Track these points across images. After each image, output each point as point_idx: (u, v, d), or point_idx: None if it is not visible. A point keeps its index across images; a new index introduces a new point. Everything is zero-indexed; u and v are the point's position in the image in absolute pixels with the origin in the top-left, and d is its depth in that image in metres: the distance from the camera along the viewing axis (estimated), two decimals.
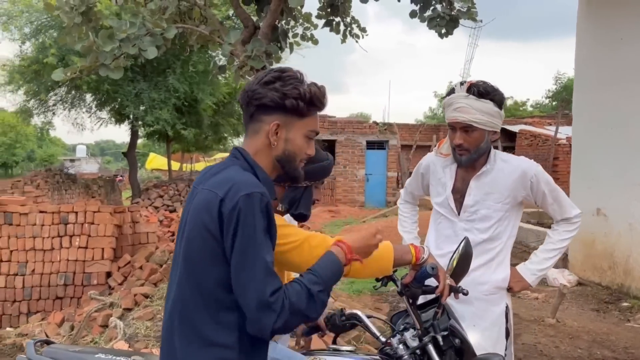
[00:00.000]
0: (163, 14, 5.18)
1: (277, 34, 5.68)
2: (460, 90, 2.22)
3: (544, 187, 2.29)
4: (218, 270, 1.40)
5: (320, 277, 1.45)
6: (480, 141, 2.22)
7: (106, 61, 4.83)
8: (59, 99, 15.28)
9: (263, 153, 1.54)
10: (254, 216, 1.36)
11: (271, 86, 1.51)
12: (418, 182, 2.59)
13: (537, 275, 2.36)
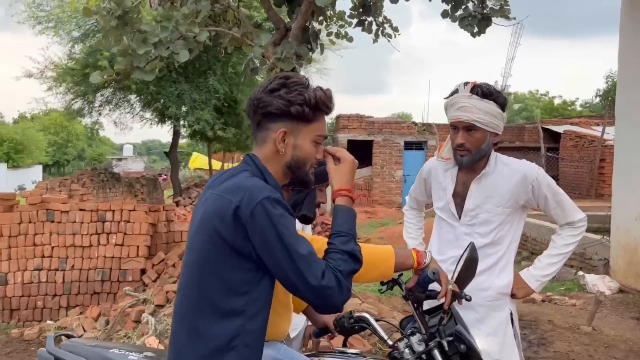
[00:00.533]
0: (196, 17, 5.30)
1: (308, 35, 5.73)
2: (464, 90, 2.22)
3: (546, 191, 2.25)
4: (230, 275, 1.44)
5: (347, 233, 1.54)
6: (482, 142, 2.21)
7: (140, 64, 4.97)
8: (105, 100, 15.80)
9: (272, 160, 1.56)
10: (278, 217, 1.40)
11: (276, 94, 1.52)
12: (421, 187, 2.58)
13: (541, 282, 2.32)
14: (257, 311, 1.48)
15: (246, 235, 1.41)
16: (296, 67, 5.36)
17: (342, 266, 1.46)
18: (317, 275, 1.40)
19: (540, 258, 2.36)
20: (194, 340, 1.47)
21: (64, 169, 41.50)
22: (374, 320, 2.08)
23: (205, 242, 1.46)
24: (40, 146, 35.88)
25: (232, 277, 1.45)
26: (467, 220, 2.30)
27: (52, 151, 40.06)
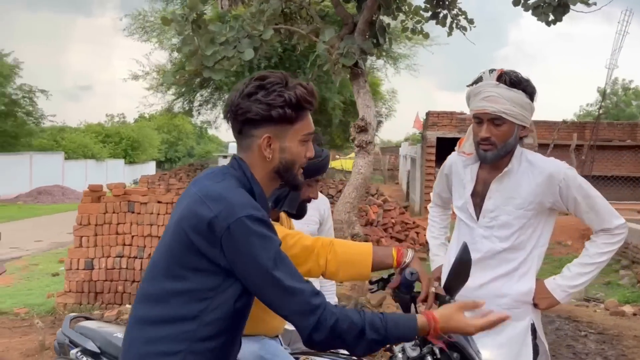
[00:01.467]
0: (262, 16, 5.41)
1: (375, 29, 5.63)
2: (490, 78, 2.01)
3: (576, 193, 2.01)
4: (193, 278, 1.38)
5: (386, 329, 1.37)
6: (509, 136, 2.01)
7: (208, 64, 5.17)
8: (204, 100, 16.65)
9: (259, 167, 1.48)
10: (257, 237, 1.33)
11: (254, 98, 1.43)
12: (443, 183, 2.40)
13: (567, 293, 2.07)
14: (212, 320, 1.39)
15: (219, 247, 1.34)
16: (359, 62, 5.31)
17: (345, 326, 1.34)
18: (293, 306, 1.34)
19: (569, 266, 2.11)
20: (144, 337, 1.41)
21: (175, 165, 44.37)
22: None
23: (176, 241, 1.40)
24: (154, 144, 38.70)
25: (194, 280, 1.37)
26: (485, 222, 2.11)
27: (164, 148, 43.02)
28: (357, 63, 5.24)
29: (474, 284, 2.06)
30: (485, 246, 2.10)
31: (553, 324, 5.32)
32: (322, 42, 5.31)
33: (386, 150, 37.55)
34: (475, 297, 2.07)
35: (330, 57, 5.34)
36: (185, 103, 16.52)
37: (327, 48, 5.30)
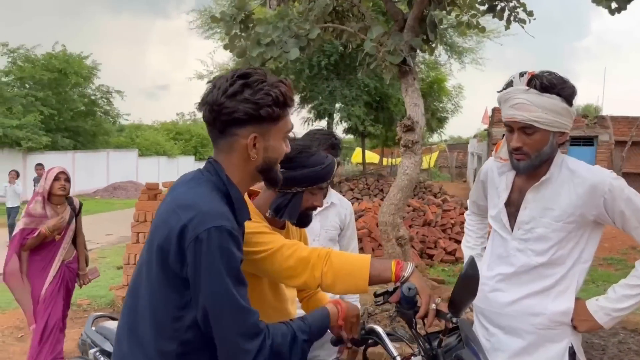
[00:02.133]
0: (310, 15, 5.37)
1: (425, 25, 5.45)
2: (520, 82, 1.84)
3: (624, 206, 1.79)
4: (166, 293, 1.35)
5: (309, 327, 1.49)
6: (543, 144, 1.83)
7: (255, 64, 5.20)
8: None
9: (239, 167, 1.45)
10: (220, 253, 1.29)
11: (240, 97, 1.39)
12: (479, 190, 2.22)
13: (611, 317, 1.85)
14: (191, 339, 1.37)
15: (184, 256, 1.30)
16: (407, 59, 5.16)
17: (280, 340, 1.39)
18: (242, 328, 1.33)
19: (615, 287, 1.88)
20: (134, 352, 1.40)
21: None
22: (384, 333, 1.91)
23: (152, 253, 1.37)
24: None
25: (170, 296, 1.35)
26: (520, 234, 1.93)
27: None
28: (405, 60, 5.09)
29: (505, 299, 1.95)
30: (520, 260, 1.93)
31: (616, 337, 4.96)
32: (369, 39, 5.20)
33: (455, 147, 36.62)
34: (507, 314, 1.95)
35: (377, 55, 5.22)
36: None
37: (374, 46, 5.19)
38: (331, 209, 2.64)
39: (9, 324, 5.56)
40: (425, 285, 1.58)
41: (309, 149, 1.80)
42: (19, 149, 18.37)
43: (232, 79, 1.41)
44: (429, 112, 18.05)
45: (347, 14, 6.49)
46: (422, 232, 9.24)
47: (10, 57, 21.81)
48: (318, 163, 1.81)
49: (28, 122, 18.76)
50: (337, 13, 6.47)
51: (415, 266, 1.63)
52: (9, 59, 21.81)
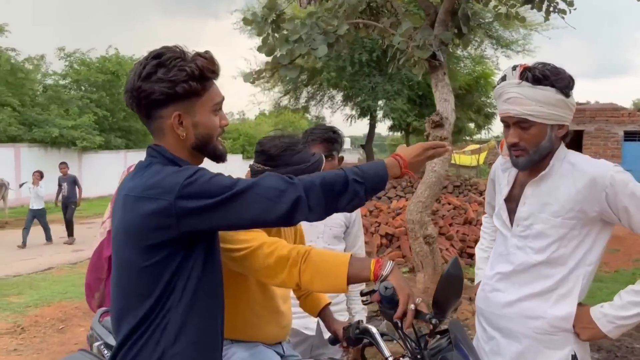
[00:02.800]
0: (338, 11, 5.33)
1: (458, 18, 5.31)
2: (512, 76, 1.76)
3: (627, 201, 1.67)
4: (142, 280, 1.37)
5: (362, 171, 1.44)
6: (541, 138, 1.75)
7: (284, 62, 5.21)
8: (309, 96, 16.97)
9: (177, 147, 1.44)
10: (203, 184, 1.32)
11: (154, 78, 1.36)
12: (491, 190, 2.14)
13: (615, 325, 1.71)
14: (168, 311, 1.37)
15: (175, 221, 1.31)
16: (437, 54, 5.04)
17: (330, 177, 1.39)
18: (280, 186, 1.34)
19: (621, 293, 1.75)
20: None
21: None
22: (378, 334, 1.87)
23: (133, 253, 1.37)
24: None
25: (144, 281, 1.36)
26: (519, 231, 1.85)
27: None
28: (435, 55, 4.98)
29: (502, 300, 1.87)
30: (519, 258, 1.83)
31: None
32: (398, 34, 5.11)
33: None
34: (503, 315, 1.87)
35: (407, 50, 5.13)
36: (293, 100, 16.96)
37: (404, 40, 5.09)
38: None
39: (53, 316, 5.81)
40: (405, 284, 1.53)
41: (294, 147, 1.78)
42: (75, 148, 19.19)
43: (146, 60, 1.39)
44: (473, 109, 17.62)
45: (382, 9, 6.43)
46: (463, 230, 9.02)
47: (67, 61, 22.81)
48: (304, 161, 1.79)
49: (83, 123, 19.57)
50: (371, 9, 6.42)
51: (397, 265, 1.58)
52: (66, 62, 22.83)
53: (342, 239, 2.63)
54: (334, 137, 2.51)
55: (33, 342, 5.00)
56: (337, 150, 2.55)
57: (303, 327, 2.42)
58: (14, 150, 17.51)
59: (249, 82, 5.51)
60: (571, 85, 1.75)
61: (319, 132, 2.52)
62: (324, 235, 2.54)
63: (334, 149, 2.52)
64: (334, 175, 1.40)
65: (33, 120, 18.61)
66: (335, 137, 2.52)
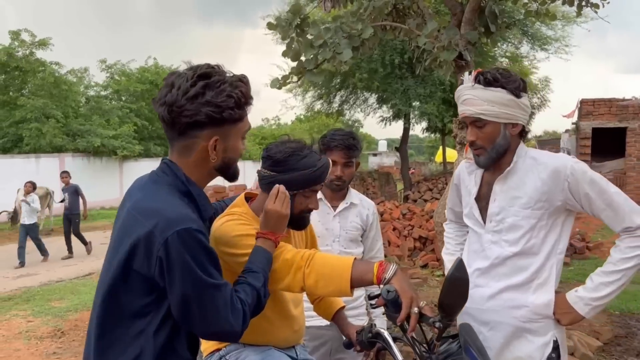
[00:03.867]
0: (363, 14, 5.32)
1: (485, 17, 5.22)
2: (468, 80, 1.92)
3: (588, 189, 1.82)
4: (133, 297, 1.37)
5: (259, 271, 1.54)
6: (495, 136, 1.90)
7: (309, 67, 5.23)
8: (342, 100, 16.97)
9: (197, 167, 1.45)
10: (192, 253, 1.31)
11: (202, 100, 1.36)
12: (454, 195, 2.23)
13: (591, 306, 1.85)
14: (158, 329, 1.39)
15: (155, 263, 1.31)
16: (464, 54, 4.96)
17: (250, 299, 1.44)
18: (230, 319, 1.38)
19: (592, 276, 1.89)
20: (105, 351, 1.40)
21: None
22: (390, 338, 1.85)
23: (119, 261, 1.36)
24: None
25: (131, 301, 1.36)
26: (492, 227, 1.97)
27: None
28: (461, 55, 4.90)
29: (484, 294, 1.96)
30: (494, 252, 1.96)
31: None
32: (423, 35, 5.06)
33: (547, 142, 34.68)
34: (487, 309, 1.96)
35: (432, 51, 5.07)
36: (326, 104, 16.99)
37: (429, 41, 5.04)
38: (351, 209, 2.59)
39: None
40: (408, 287, 1.51)
41: (300, 151, 1.78)
42: (115, 157, 19.76)
43: (193, 79, 1.38)
44: None
45: (408, 11, 6.38)
46: None
47: (108, 72, 23.55)
48: (309, 165, 1.78)
49: (123, 132, 20.14)
50: (398, 11, 6.38)
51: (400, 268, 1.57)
52: (107, 74, 23.58)
53: (359, 242, 2.61)
54: (354, 144, 2.48)
55: (72, 346, 5.16)
56: (357, 156, 2.53)
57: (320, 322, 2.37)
58: (59, 160, 18.16)
59: (276, 88, 5.54)
60: (521, 87, 1.88)
61: (339, 138, 2.48)
62: (341, 238, 2.53)
63: (354, 156, 2.50)
64: (250, 294, 1.47)
65: (76, 131, 19.27)
66: (355, 143, 2.49)
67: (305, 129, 42.40)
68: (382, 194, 16.32)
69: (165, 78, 1.44)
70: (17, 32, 18.42)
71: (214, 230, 1.74)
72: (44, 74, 18.72)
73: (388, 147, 58.26)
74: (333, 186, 2.51)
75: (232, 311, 1.38)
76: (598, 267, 1.90)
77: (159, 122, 1.45)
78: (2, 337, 5.38)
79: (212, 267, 1.37)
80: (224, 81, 1.40)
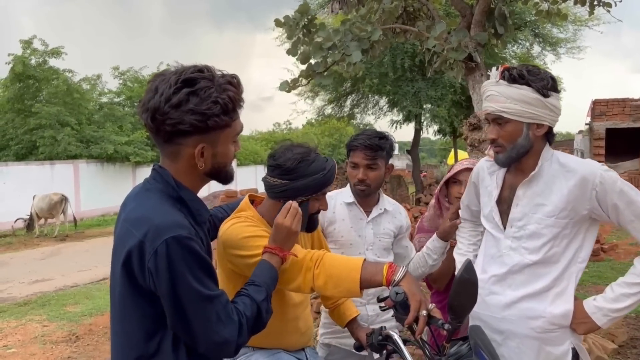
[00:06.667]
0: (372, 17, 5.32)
1: (494, 18, 5.19)
2: (494, 76, 1.85)
3: (616, 199, 1.72)
4: (139, 315, 1.34)
5: (262, 284, 1.49)
6: (517, 136, 1.81)
7: (318, 69, 5.24)
8: (353, 104, 16.96)
9: (187, 173, 1.39)
10: (182, 262, 1.27)
11: (185, 108, 1.29)
12: (472, 193, 2.14)
13: (609, 317, 1.78)
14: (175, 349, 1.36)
15: (148, 272, 1.27)
16: (474, 55, 4.95)
17: (249, 312, 1.40)
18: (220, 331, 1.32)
19: (613, 286, 1.80)
20: None
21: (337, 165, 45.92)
22: (400, 340, 1.85)
23: (117, 275, 1.34)
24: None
25: (140, 316, 1.33)
26: (512, 232, 1.88)
27: (328, 152, 44.81)
28: (471, 57, 4.89)
29: (500, 302, 1.89)
30: (513, 259, 1.88)
31: None
32: (432, 37, 5.05)
33: (560, 143, 34.41)
34: (503, 318, 1.89)
35: (441, 53, 5.06)
36: (337, 108, 16.99)
37: (439, 43, 5.03)
38: (384, 216, 2.42)
39: (106, 325, 6.03)
40: (417, 290, 1.51)
41: (308, 156, 1.78)
42: (128, 163, 19.92)
43: (176, 85, 1.30)
44: None
45: (418, 13, 6.37)
46: None
47: (121, 79, 23.76)
48: (319, 170, 1.79)
49: (136, 139, 20.30)
50: (408, 14, 6.37)
51: None
52: (120, 80, 23.78)
53: (391, 250, 2.46)
54: (379, 144, 2.28)
55: (86, 350, 5.20)
56: (384, 158, 2.33)
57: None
58: (73, 167, 18.35)
59: (285, 91, 5.56)
60: (550, 85, 1.77)
61: (361, 138, 2.30)
62: (374, 246, 2.38)
63: (378, 157, 2.29)
64: (250, 312, 1.42)
65: (90, 138, 19.46)
66: (380, 143, 2.28)
67: (317, 133, 42.41)
68: (393, 197, 16.21)
69: (151, 81, 1.36)
70: (28, 41, 18.64)
71: (221, 234, 1.75)
72: (57, 82, 18.94)
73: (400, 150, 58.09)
74: (357, 191, 2.35)
75: (227, 323, 1.33)
76: (613, 269, 1.85)
77: None
78: (18, 341, 5.44)
79: (205, 277, 1.31)
80: (210, 86, 1.31)
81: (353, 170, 2.34)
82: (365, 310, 2.34)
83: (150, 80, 1.37)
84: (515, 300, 1.86)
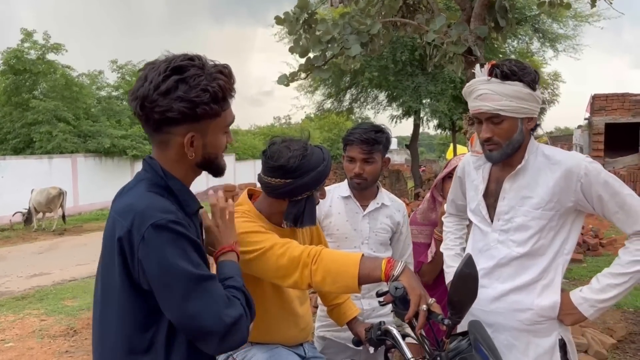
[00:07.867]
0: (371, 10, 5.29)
1: (495, 12, 5.15)
2: (482, 74, 1.82)
3: (601, 190, 1.74)
4: (131, 308, 1.31)
5: (235, 275, 1.44)
6: (512, 132, 1.81)
7: (318, 63, 5.21)
8: (353, 98, 16.93)
9: (177, 163, 1.37)
10: (172, 244, 1.25)
11: (174, 95, 1.27)
12: (457, 188, 2.16)
13: (596, 308, 1.79)
14: (169, 345, 1.33)
15: (139, 263, 1.25)
16: (473, 49, 4.92)
17: (240, 296, 1.36)
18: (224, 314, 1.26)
19: (598, 277, 1.82)
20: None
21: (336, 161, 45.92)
22: (399, 335, 1.83)
23: (109, 265, 1.32)
24: (314, 142, 40.70)
25: (133, 309, 1.30)
26: (500, 225, 1.90)
27: (327, 146, 44.75)
28: (471, 50, 4.86)
29: (489, 295, 1.91)
30: (501, 252, 1.89)
31: None
32: (432, 31, 5.02)
33: (559, 139, 34.43)
34: (492, 311, 1.91)
35: (441, 47, 5.03)
36: (336, 103, 16.96)
37: (438, 37, 5.00)
38: (381, 210, 2.42)
39: None
40: (417, 285, 1.49)
41: (306, 152, 1.77)
42: (126, 157, 19.87)
43: (166, 72, 1.29)
44: None
45: (418, 6, 6.34)
46: None
47: (120, 72, 23.67)
48: (320, 162, 1.79)
49: (134, 133, 20.24)
50: (408, 7, 6.34)
51: None
52: (118, 74, 23.70)
53: (389, 245, 2.45)
54: (375, 138, 2.27)
55: (84, 344, 5.19)
56: (380, 151, 2.32)
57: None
58: (71, 161, 18.31)
59: (283, 85, 5.53)
60: (537, 79, 1.80)
61: (358, 132, 2.29)
62: (370, 241, 2.37)
63: (375, 151, 2.29)
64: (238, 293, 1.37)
65: (87, 132, 19.40)
66: (376, 137, 2.28)
67: (315, 127, 42.35)
68: (392, 192, 16.22)
69: (142, 69, 1.34)
70: (29, 32, 18.50)
71: None
72: (56, 76, 18.85)
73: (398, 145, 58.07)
74: (354, 184, 2.35)
75: (232, 302, 1.30)
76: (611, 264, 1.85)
77: None
78: (16, 335, 5.43)
79: (198, 258, 1.29)
80: (199, 74, 1.29)
81: (349, 164, 2.35)
82: (361, 304, 2.34)
83: (141, 68, 1.35)
84: (504, 293, 1.88)
